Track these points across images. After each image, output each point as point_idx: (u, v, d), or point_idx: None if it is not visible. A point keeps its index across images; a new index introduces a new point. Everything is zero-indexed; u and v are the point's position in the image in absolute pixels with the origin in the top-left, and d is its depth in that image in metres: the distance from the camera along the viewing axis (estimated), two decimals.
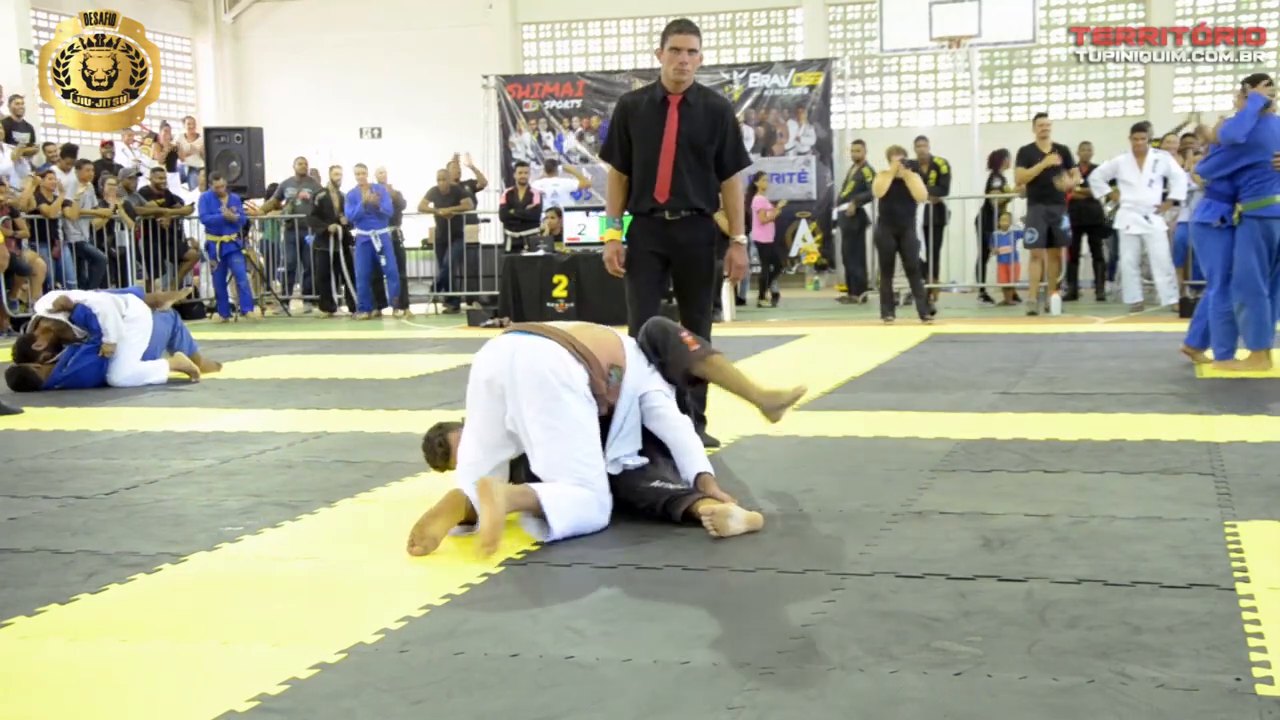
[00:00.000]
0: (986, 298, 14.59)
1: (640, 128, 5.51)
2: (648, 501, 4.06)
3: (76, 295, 8.37)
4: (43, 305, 8.28)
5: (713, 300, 5.91)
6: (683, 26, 5.51)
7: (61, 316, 8.03)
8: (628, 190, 5.59)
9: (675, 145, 5.43)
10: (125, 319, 8.18)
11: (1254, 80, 7.59)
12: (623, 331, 4.52)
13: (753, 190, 14.79)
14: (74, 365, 7.98)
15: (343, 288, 15.10)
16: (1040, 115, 12.91)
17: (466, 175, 15.94)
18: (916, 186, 11.74)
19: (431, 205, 15.09)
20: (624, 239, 5.57)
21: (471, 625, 3.05)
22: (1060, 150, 12.49)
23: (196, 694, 2.65)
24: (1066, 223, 12.57)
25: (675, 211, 5.47)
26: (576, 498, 3.90)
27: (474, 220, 15.50)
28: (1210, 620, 2.93)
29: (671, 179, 5.45)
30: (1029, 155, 12.48)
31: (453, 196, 15.09)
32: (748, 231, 15.24)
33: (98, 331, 8.00)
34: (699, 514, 3.93)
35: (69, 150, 14.52)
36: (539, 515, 3.84)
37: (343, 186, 15.02)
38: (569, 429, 3.95)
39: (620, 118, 5.61)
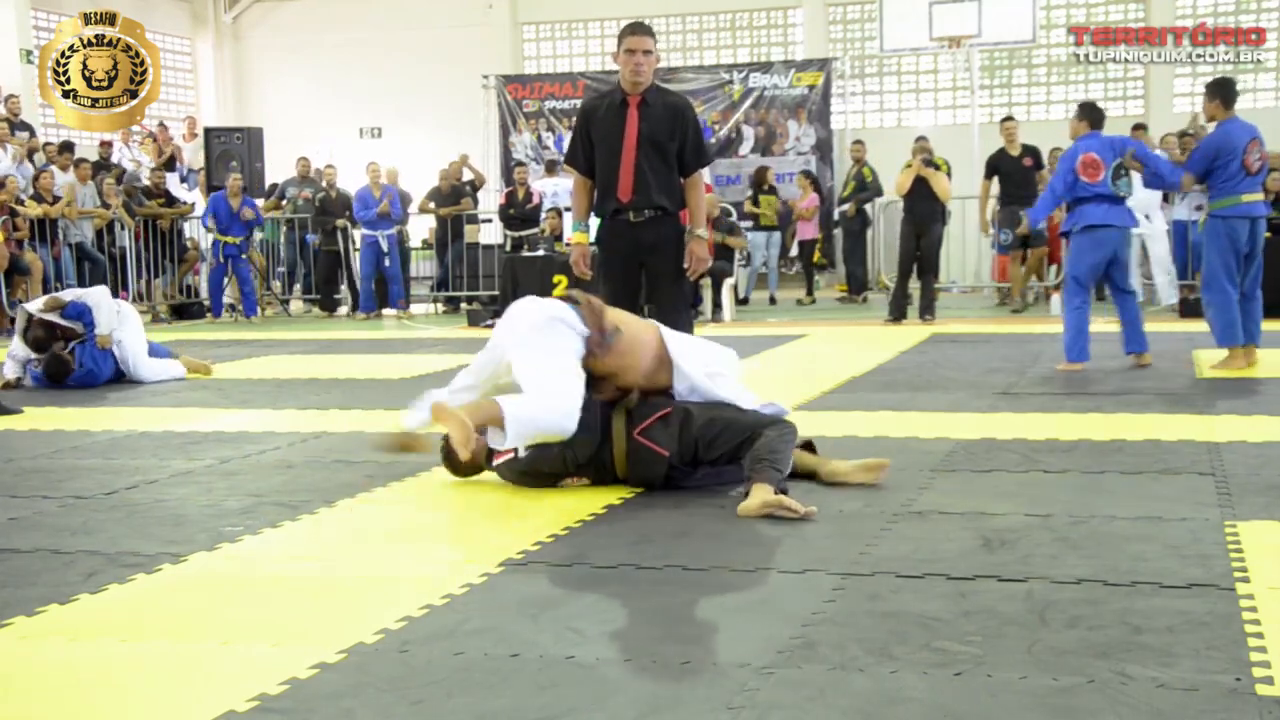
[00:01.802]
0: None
1: (601, 130, 5.62)
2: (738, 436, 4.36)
3: (69, 294, 8.33)
4: (34, 305, 8.24)
5: (689, 298, 5.99)
6: (636, 29, 5.59)
7: (52, 316, 8.02)
8: (592, 194, 5.77)
9: (636, 145, 5.54)
10: (119, 314, 8.22)
11: (1230, 99, 7.61)
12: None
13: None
14: (88, 363, 7.99)
15: (344, 287, 15.12)
16: (1007, 119, 12.94)
17: (466, 175, 15.95)
18: (940, 185, 11.67)
19: (432, 205, 15.09)
20: (592, 242, 5.82)
21: (471, 625, 3.05)
22: (1030, 152, 12.50)
23: (196, 694, 2.65)
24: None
25: (640, 211, 5.60)
26: (538, 407, 4.30)
27: (474, 220, 15.50)
28: (1210, 620, 2.93)
29: (634, 178, 5.56)
30: (997, 164, 12.53)
31: (453, 196, 15.08)
32: (790, 225, 15.31)
33: (92, 325, 8.00)
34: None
35: (66, 147, 14.50)
36: (502, 426, 4.29)
37: (339, 185, 15.03)
38: (546, 348, 4.36)
39: (582, 122, 5.74)
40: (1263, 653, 2.70)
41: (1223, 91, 7.63)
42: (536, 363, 4.34)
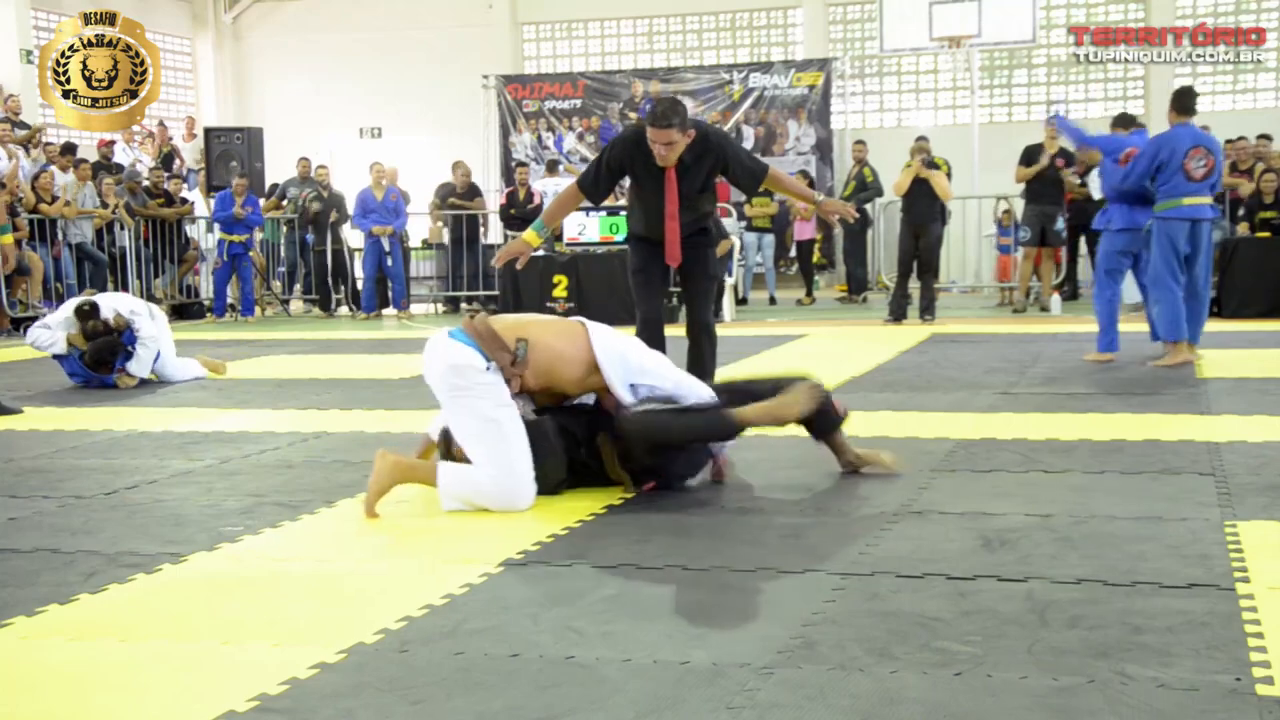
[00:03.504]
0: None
1: (640, 183, 5.65)
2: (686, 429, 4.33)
3: (127, 312, 8.15)
4: (107, 310, 8.11)
5: (716, 289, 6.07)
6: (657, 119, 5.38)
7: (111, 337, 8.06)
8: (575, 207, 5.82)
9: (678, 208, 5.60)
10: (153, 318, 8.29)
11: (1181, 106, 7.91)
12: (617, 332, 4.57)
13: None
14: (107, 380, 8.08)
15: (342, 288, 15.12)
16: (1053, 118, 12.99)
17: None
18: (941, 185, 11.66)
19: (449, 203, 15.11)
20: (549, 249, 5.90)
21: (471, 625, 3.05)
22: (1064, 154, 12.60)
23: (196, 694, 2.65)
24: (1061, 224, 12.65)
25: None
26: (472, 479, 4.24)
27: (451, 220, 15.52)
28: (1210, 620, 2.93)
29: (679, 240, 5.66)
30: (1032, 155, 12.57)
31: (470, 195, 15.13)
32: (787, 228, 15.30)
33: (127, 357, 8.02)
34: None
35: (68, 148, 14.51)
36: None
37: (337, 185, 15.05)
38: (472, 423, 4.24)
39: (615, 165, 5.64)
40: (1263, 653, 2.70)
41: (1173, 99, 8.01)
42: (474, 434, 4.22)
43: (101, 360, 8.02)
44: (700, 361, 5.72)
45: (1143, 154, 7.85)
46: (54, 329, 8.16)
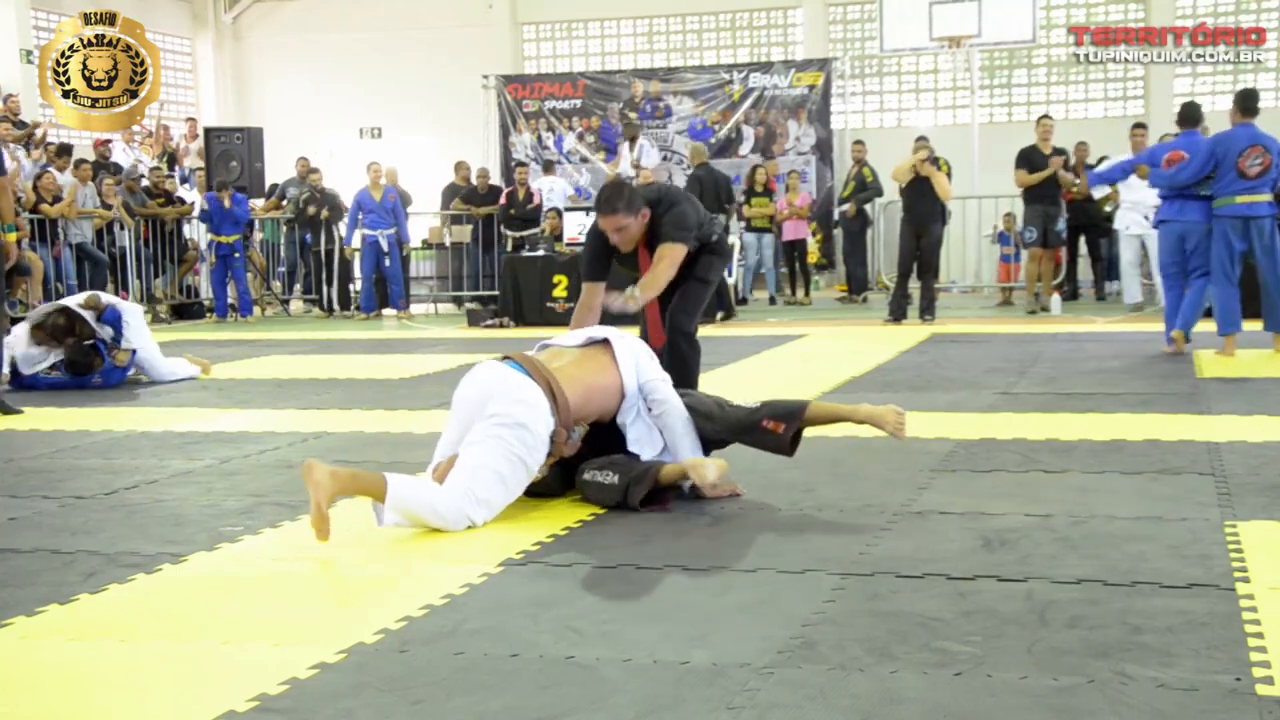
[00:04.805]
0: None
1: (618, 258, 5.56)
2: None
3: (107, 297, 8.33)
4: (74, 300, 8.26)
5: (703, 304, 5.83)
6: (599, 206, 5.32)
7: (88, 315, 8.06)
8: (598, 304, 5.44)
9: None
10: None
11: (1242, 107, 8.17)
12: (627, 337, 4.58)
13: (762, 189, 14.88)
14: (109, 363, 8.05)
15: (335, 288, 15.10)
16: (1044, 117, 13.03)
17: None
18: (941, 185, 11.62)
19: (468, 207, 15.16)
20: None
21: (471, 625, 3.05)
22: (1060, 153, 12.63)
23: (196, 694, 2.65)
24: (1062, 224, 12.67)
25: None
26: (427, 497, 3.97)
27: (472, 221, 15.52)
28: (1210, 620, 2.93)
29: (660, 316, 5.62)
30: (1029, 157, 12.58)
31: (491, 196, 15.15)
32: (779, 228, 15.25)
33: (118, 337, 8.04)
34: (668, 480, 4.16)
35: (64, 150, 14.50)
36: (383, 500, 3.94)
37: (334, 185, 15.05)
38: (489, 451, 4.01)
39: (598, 242, 5.51)
40: (1263, 653, 2.70)
41: (1237, 99, 8.27)
42: (481, 460, 4.01)
43: (78, 361, 7.96)
44: (677, 367, 5.50)
45: (1201, 151, 8.05)
46: (25, 344, 7.95)
